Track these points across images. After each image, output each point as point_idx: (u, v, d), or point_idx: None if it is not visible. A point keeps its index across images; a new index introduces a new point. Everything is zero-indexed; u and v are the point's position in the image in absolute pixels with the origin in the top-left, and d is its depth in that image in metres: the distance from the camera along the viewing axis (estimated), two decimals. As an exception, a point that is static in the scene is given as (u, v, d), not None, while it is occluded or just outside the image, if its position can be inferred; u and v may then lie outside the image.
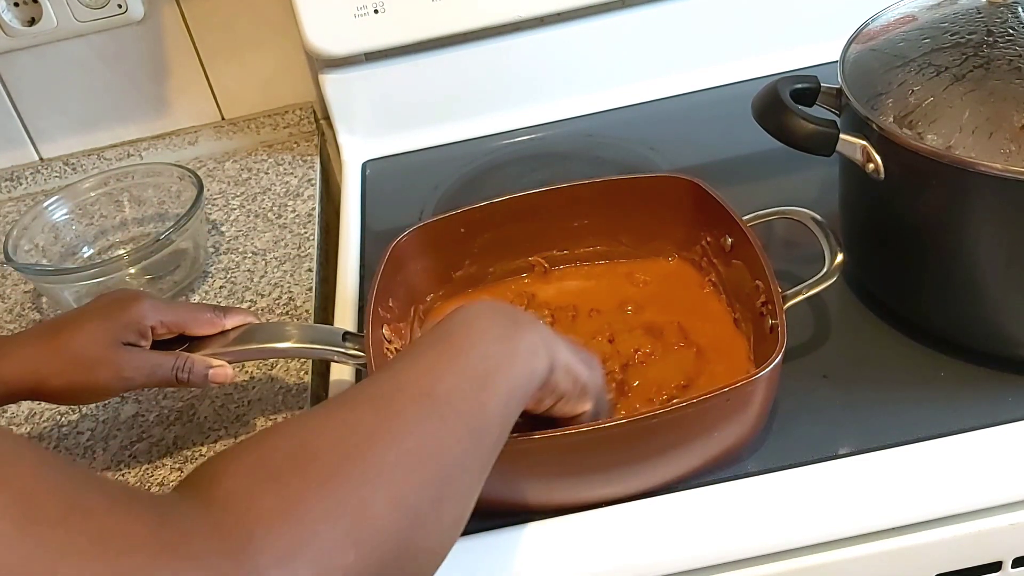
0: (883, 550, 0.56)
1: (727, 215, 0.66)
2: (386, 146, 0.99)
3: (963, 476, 0.57)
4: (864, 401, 0.61)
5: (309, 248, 0.89)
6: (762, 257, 0.62)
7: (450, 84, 0.97)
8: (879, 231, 0.66)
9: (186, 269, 0.86)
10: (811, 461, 0.58)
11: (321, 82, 0.97)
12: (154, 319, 0.61)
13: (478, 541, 0.57)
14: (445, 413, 0.43)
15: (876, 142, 0.60)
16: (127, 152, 1.04)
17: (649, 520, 0.57)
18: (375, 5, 0.90)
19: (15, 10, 0.91)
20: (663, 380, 0.63)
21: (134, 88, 1.02)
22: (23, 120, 1.02)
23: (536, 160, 0.94)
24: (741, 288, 0.65)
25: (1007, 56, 0.58)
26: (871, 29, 0.67)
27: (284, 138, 1.06)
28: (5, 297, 0.90)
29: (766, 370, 0.54)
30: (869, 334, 0.66)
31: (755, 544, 0.56)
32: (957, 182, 0.57)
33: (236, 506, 0.35)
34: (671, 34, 0.97)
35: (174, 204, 0.89)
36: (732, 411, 0.56)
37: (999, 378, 0.61)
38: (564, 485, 0.57)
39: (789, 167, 0.78)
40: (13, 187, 1.04)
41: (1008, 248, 0.58)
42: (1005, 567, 0.58)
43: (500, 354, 0.47)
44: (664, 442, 0.55)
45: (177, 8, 0.97)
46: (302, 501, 0.35)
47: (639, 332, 0.67)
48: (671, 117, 0.96)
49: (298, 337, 0.63)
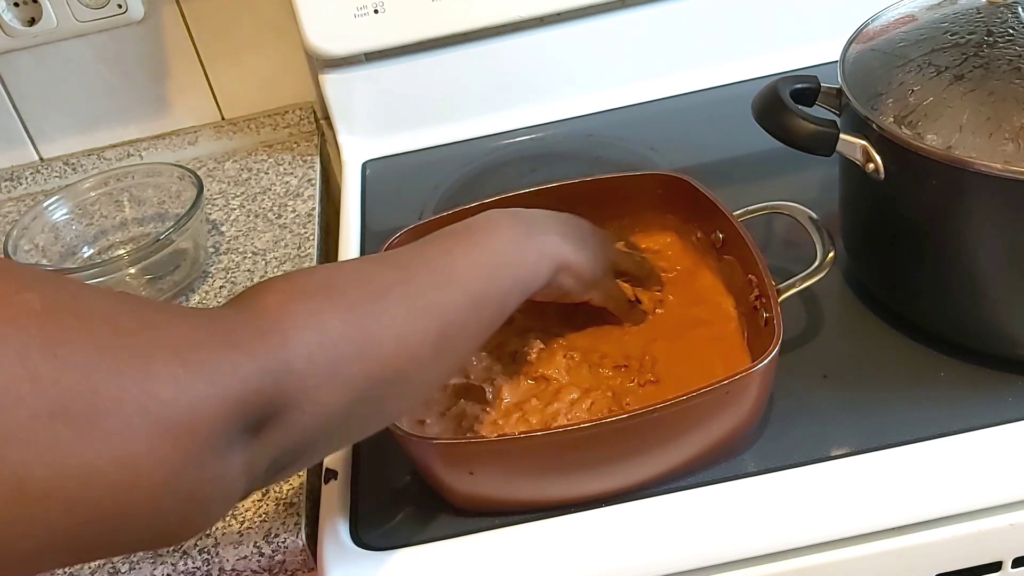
0: (883, 550, 0.56)
1: (717, 211, 0.66)
2: (386, 146, 0.99)
3: (963, 476, 0.57)
4: (864, 401, 0.61)
5: (309, 248, 0.89)
6: (754, 251, 0.62)
7: (450, 84, 0.97)
8: (879, 231, 0.66)
9: (186, 269, 0.86)
10: (811, 461, 0.58)
11: (321, 82, 0.97)
12: None
13: (478, 541, 0.57)
14: (454, 286, 0.51)
15: (876, 142, 0.60)
16: (127, 152, 1.04)
17: (648, 520, 0.57)
18: (375, 5, 0.90)
19: (15, 10, 0.91)
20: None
21: (134, 88, 1.02)
22: (23, 120, 1.02)
23: (536, 160, 0.93)
24: (733, 284, 0.66)
25: (1007, 56, 0.58)
26: (871, 29, 0.67)
27: (284, 138, 1.06)
28: (5, 297, 0.90)
29: (764, 362, 0.54)
30: (869, 334, 0.66)
31: (755, 544, 0.56)
32: (957, 182, 0.57)
33: (273, 313, 0.43)
34: (671, 34, 0.97)
35: (174, 204, 0.89)
36: (731, 404, 0.56)
37: (999, 378, 0.61)
38: (564, 480, 0.57)
39: (789, 167, 0.78)
40: (13, 187, 1.04)
41: (1008, 248, 0.58)
42: (1005, 567, 0.58)
43: (509, 253, 0.55)
44: (663, 435, 0.56)
45: (177, 8, 0.97)
46: (325, 318, 0.44)
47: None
48: (671, 117, 0.96)
49: None
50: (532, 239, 0.57)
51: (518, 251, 0.56)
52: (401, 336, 0.47)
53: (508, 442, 0.56)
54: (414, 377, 0.49)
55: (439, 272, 0.51)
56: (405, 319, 0.47)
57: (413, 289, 0.49)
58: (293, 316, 0.43)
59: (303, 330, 0.43)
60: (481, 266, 0.53)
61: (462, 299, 0.51)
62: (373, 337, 0.46)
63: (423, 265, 0.51)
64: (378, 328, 0.46)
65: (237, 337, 0.41)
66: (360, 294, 0.47)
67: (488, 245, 0.54)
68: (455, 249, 0.53)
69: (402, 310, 0.47)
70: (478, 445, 0.57)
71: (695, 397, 0.53)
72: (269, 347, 0.41)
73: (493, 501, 0.58)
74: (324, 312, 0.44)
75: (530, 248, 0.56)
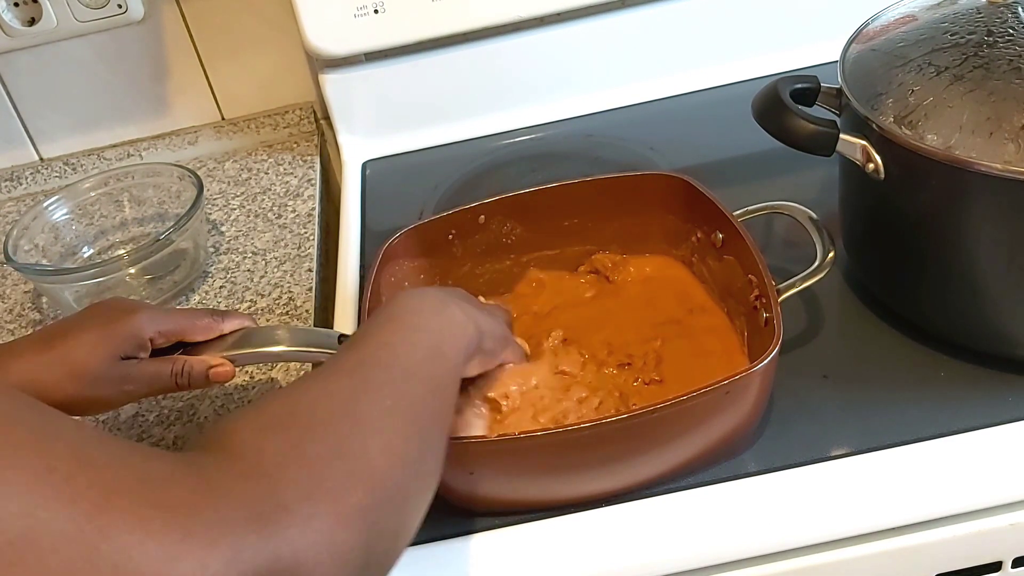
0: (883, 550, 0.56)
1: (717, 211, 0.66)
2: (386, 146, 0.99)
3: (963, 476, 0.57)
4: (864, 401, 0.61)
5: (309, 248, 0.89)
6: (754, 251, 0.62)
7: (450, 84, 0.97)
8: (879, 231, 0.66)
9: (186, 269, 0.86)
10: (811, 461, 0.58)
11: (321, 82, 0.97)
12: (152, 330, 0.60)
13: (478, 541, 0.57)
14: (409, 378, 0.48)
15: (876, 142, 0.60)
16: (127, 152, 1.04)
17: (648, 520, 0.57)
18: (375, 5, 0.90)
19: (15, 10, 0.91)
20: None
21: (134, 88, 1.02)
22: (23, 120, 1.02)
23: (536, 160, 0.94)
24: (733, 284, 0.66)
25: (1007, 56, 0.58)
26: (871, 29, 0.67)
27: (284, 138, 1.06)
28: (5, 297, 0.90)
29: (764, 362, 0.54)
30: (869, 334, 0.66)
31: (755, 544, 0.56)
32: (957, 182, 0.57)
33: (250, 454, 0.38)
34: (671, 34, 0.97)
35: (174, 204, 0.89)
36: (731, 404, 0.56)
37: (999, 378, 0.61)
38: (564, 480, 0.57)
39: (789, 167, 0.78)
40: (13, 187, 1.04)
41: (1008, 248, 0.58)
42: (1005, 567, 0.58)
43: (441, 325, 0.53)
44: (664, 435, 0.56)
45: (177, 8, 0.97)
46: (306, 445, 0.40)
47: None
48: (671, 117, 0.96)
49: (294, 340, 0.63)
50: (449, 305, 0.55)
51: (445, 318, 0.54)
52: (386, 441, 0.43)
53: (508, 442, 0.56)
54: (412, 485, 0.44)
55: (390, 366, 0.48)
56: (383, 422, 0.44)
57: (376, 392, 0.46)
58: (270, 454, 0.38)
59: (289, 466, 0.38)
60: (425, 349, 0.51)
61: (423, 387, 0.48)
62: (360, 451, 0.41)
63: (370, 366, 0.48)
64: (362, 439, 0.42)
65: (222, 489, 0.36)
66: (329, 409, 0.43)
67: (419, 327, 0.52)
68: (392, 340, 0.50)
69: (376, 416, 0.44)
70: (478, 445, 0.57)
71: (695, 397, 0.53)
72: (261, 495, 0.36)
73: (493, 501, 0.58)
74: (303, 441, 0.40)
75: (452, 312, 0.55)
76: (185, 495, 0.35)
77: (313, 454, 0.39)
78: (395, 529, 0.43)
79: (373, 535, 0.40)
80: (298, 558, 0.36)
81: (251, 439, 0.39)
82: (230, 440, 0.39)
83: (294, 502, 0.37)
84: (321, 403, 0.43)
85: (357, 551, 0.38)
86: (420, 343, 0.51)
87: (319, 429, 0.41)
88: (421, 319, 0.53)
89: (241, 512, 0.35)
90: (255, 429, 0.40)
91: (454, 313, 0.55)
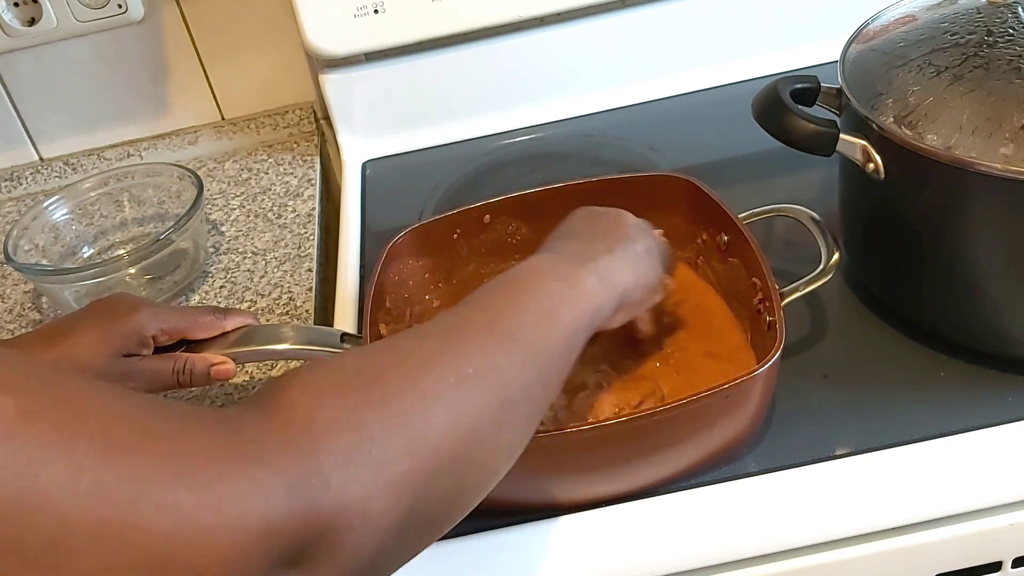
0: (883, 550, 0.56)
1: (723, 213, 0.66)
2: (386, 146, 0.99)
3: (963, 476, 0.57)
4: (864, 401, 0.61)
5: (309, 248, 0.89)
6: (759, 254, 0.62)
7: (450, 84, 0.97)
8: (879, 231, 0.66)
9: (186, 269, 0.86)
10: (811, 461, 0.58)
11: (321, 82, 0.97)
12: (155, 328, 0.60)
13: (478, 541, 0.57)
14: (508, 345, 0.45)
15: (876, 142, 0.60)
16: (127, 152, 1.04)
17: (649, 520, 0.57)
18: (375, 5, 0.90)
19: (15, 10, 0.91)
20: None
21: (134, 88, 1.02)
22: (23, 120, 1.02)
23: (536, 160, 0.94)
24: (737, 286, 0.65)
25: (1007, 56, 0.58)
26: (871, 29, 0.67)
27: (284, 138, 1.06)
28: (5, 297, 0.90)
29: (765, 366, 0.54)
30: (869, 334, 0.66)
31: (755, 544, 0.56)
32: (957, 182, 0.57)
33: (300, 414, 0.37)
34: (671, 34, 0.97)
35: (174, 204, 0.89)
36: (732, 407, 0.56)
37: (999, 378, 0.61)
38: (565, 483, 0.57)
39: (789, 167, 0.78)
40: (13, 187, 1.04)
41: (1008, 248, 0.58)
42: (1005, 567, 0.58)
43: (563, 290, 0.49)
44: (665, 439, 0.56)
45: (177, 8, 0.97)
46: (362, 413, 0.38)
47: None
48: (671, 117, 0.96)
49: (296, 339, 0.63)
50: (582, 269, 0.51)
51: (570, 283, 0.50)
52: (454, 414, 0.41)
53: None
54: (477, 456, 0.42)
55: (485, 331, 0.45)
56: (455, 394, 0.41)
57: (460, 358, 0.43)
58: (321, 417, 0.37)
59: (337, 431, 0.37)
60: (535, 314, 0.47)
61: (521, 355, 0.45)
62: (421, 423, 0.39)
63: (467, 327, 0.45)
64: (425, 410, 0.40)
65: (257, 447, 0.35)
66: (399, 375, 0.40)
67: (535, 289, 0.49)
68: (501, 303, 0.47)
69: (449, 385, 0.41)
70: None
71: (696, 400, 0.53)
72: (300, 459, 0.35)
73: (493, 501, 0.58)
74: (360, 406, 0.38)
75: (583, 278, 0.51)
76: (196, 445, 0.33)
77: (366, 420, 0.38)
78: (451, 495, 0.41)
79: (420, 502, 0.39)
80: (331, 524, 0.35)
81: (307, 399, 0.38)
82: (286, 397, 0.38)
83: (333, 468, 0.36)
84: (393, 367, 0.41)
85: (396, 518, 0.38)
86: (529, 308, 0.47)
87: (380, 396, 0.39)
88: (537, 283, 0.49)
89: (276, 477, 0.34)
90: (314, 388, 0.39)
91: (582, 278, 0.50)
